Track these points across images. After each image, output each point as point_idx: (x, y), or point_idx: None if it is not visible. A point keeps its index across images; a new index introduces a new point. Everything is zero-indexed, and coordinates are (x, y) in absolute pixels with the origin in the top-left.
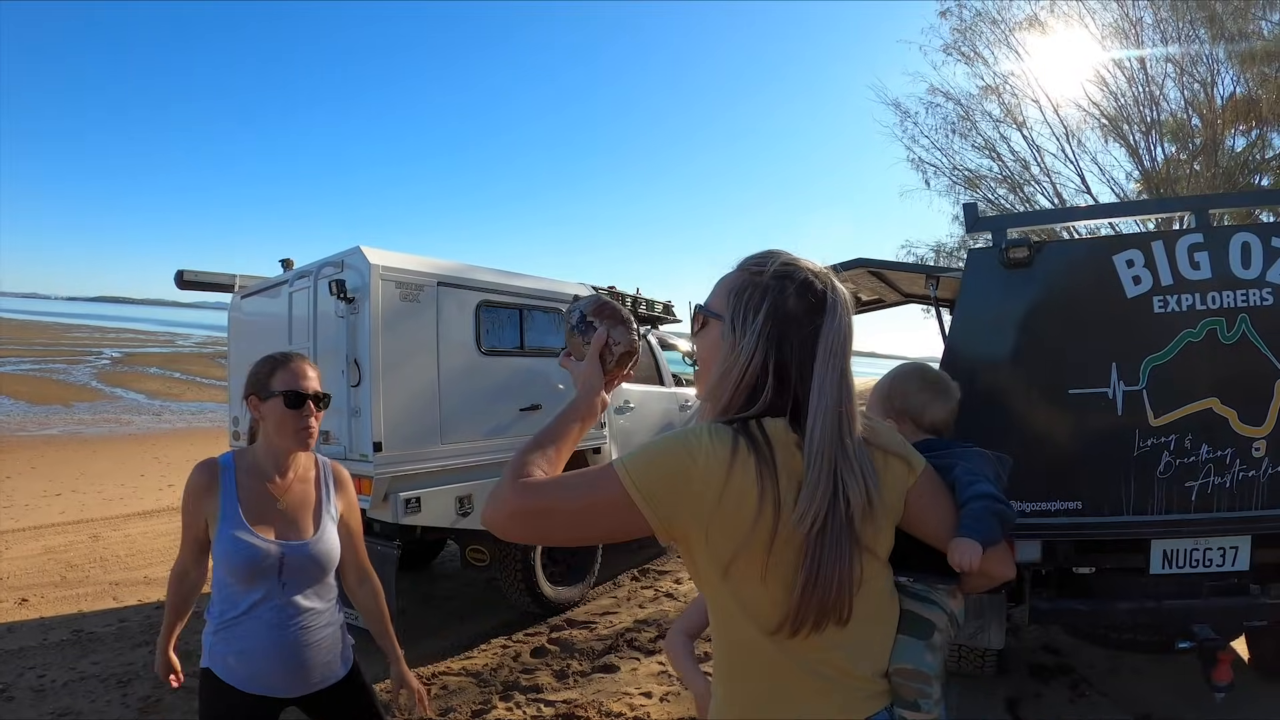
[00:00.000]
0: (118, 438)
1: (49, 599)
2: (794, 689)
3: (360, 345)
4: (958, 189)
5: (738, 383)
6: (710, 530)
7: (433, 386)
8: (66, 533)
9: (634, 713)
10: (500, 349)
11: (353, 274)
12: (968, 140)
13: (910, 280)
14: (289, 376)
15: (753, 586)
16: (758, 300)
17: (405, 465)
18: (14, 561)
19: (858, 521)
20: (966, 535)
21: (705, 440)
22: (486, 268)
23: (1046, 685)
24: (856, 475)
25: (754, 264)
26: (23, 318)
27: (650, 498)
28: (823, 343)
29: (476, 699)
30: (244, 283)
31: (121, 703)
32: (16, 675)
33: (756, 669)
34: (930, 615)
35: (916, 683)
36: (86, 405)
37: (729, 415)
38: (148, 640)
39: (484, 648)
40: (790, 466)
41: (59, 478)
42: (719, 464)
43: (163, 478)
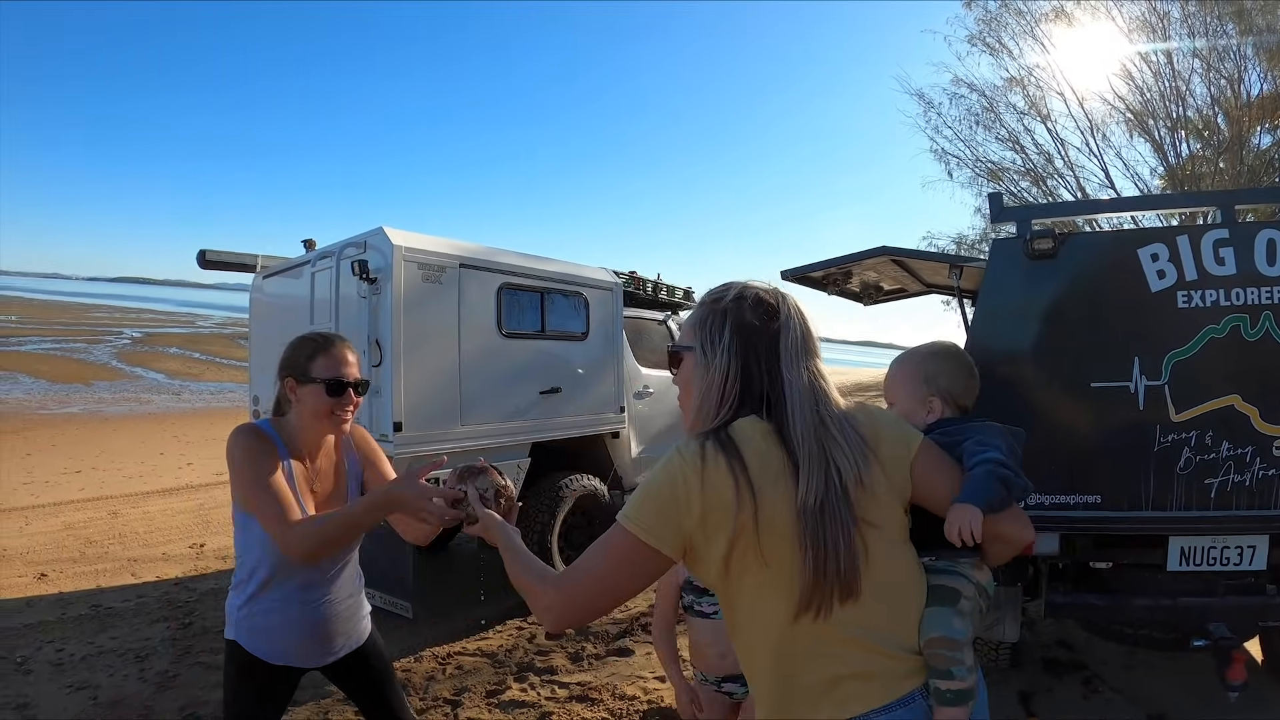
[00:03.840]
0: (138, 416)
1: (68, 574)
2: (828, 676)
3: (382, 326)
4: (980, 181)
5: (720, 396)
6: (706, 530)
7: (453, 368)
8: (86, 509)
9: (647, 696)
10: (521, 331)
11: (375, 255)
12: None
13: (933, 270)
14: (331, 363)
15: (759, 575)
16: (720, 322)
17: (425, 446)
18: (34, 537)
19: (853, 494)
20: (962, 500)
21: (675, 459)
22: (508, 250)
23: (1060, 680)
24: (845, 449)
25: (712, 296)
26: (44, 298)
27: (650, 529)
28: (784, 343)
29: (491, 679)
30: (266, 263)
31: (139, 677)
32: (35, 649)
33: (787, 661)
34: (955, 584)
35: (947, 650)
36: (107, 384)
37: (712, 425)
38: (165, 616)
39: (499, 629)
40: (764, 455)
41: (79, 455)
42: (693, 471)
43: (182, 456)
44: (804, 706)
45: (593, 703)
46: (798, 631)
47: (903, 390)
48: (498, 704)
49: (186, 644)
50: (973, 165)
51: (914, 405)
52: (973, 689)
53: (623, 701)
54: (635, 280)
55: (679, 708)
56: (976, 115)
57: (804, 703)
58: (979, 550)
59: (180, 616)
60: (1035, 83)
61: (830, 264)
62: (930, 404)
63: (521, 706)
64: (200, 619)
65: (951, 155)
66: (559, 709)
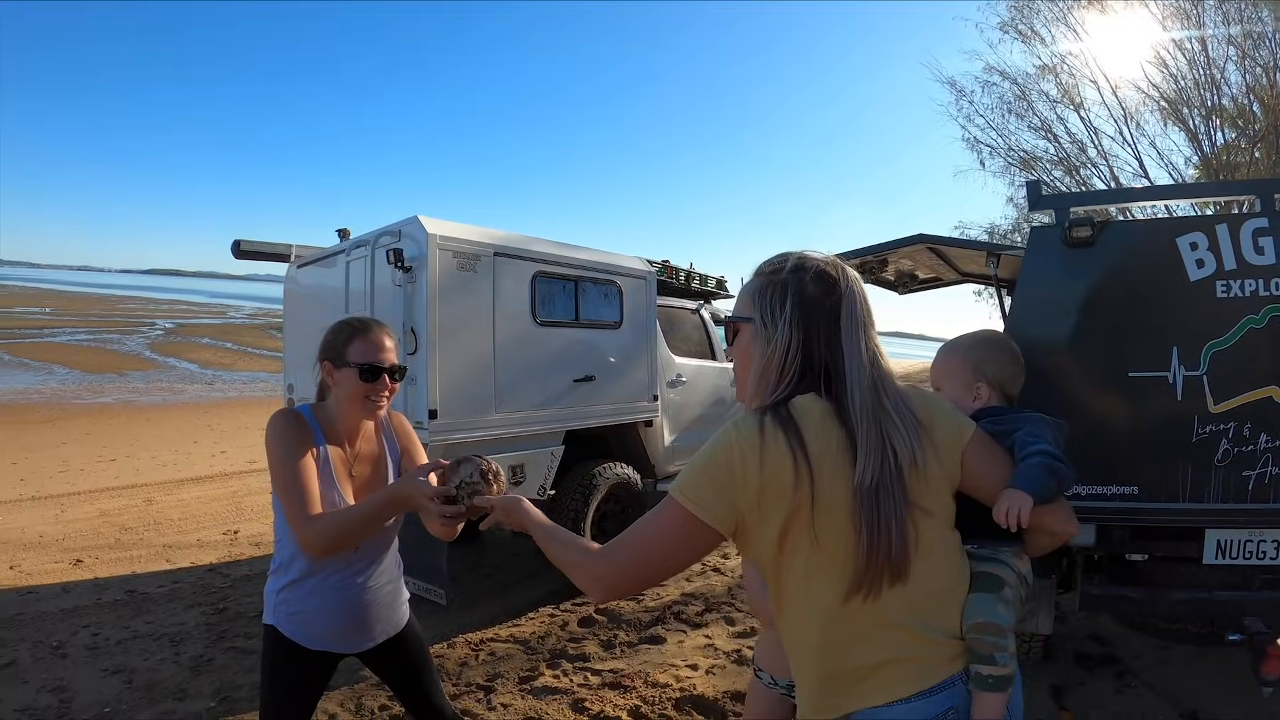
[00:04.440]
0: (171, 406)
1: (103, 560)
2: (872, 659)
3: (417, 314)
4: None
5: (779, 371)
6: (761, 507)
7: (488, 356)
8: (121, 497)
9: (680, 684)
10: (555, 320)
11: (410, 243)
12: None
13: (969, 258)
14: (367, 348)
15: (810, 556)
16: (781, 293)
17: (460, 433)
18: (70, 524)
19: (907, 476)
20: (1015, 487)
21: (733, 434)
22: (543, 239)
23: (1092, 674)
24: (901, 431)
25: (770, 267)
26: (77, 290)
27: (703, 504)
28: (844, 316)
29: (524, 666)
30: (300, 253)
31: (174, 661)
32: (71, 633)
33: (834, 644)
34: (998, 571)
35: (991, 636)
36: (140, 374)
37: (771, 399)
38: (200, 601)
39: (532, 616)
40: (822, 434)
41: (114, 444)
42: (751, 448)
43: (215, 444)
44: (847, 689)
45: (625, 690)
46: (846, 613)
47: (951, 377)
48: (530, 690)
49: (221, 629)
50: (1005, 154)
51: (962, 392)
52: (1013, 676)
53: (655, 689)
54: (668, 269)
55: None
56: (1009, 103)
57: (847, 685)
58: (1021, 540)
59: (215, 601)
60: (1068, 70)
61: (867, 252)
62: (978, 391)
63: (554, 693)
64: (234, 604)
65: (984, 144)
66: (591, 696)
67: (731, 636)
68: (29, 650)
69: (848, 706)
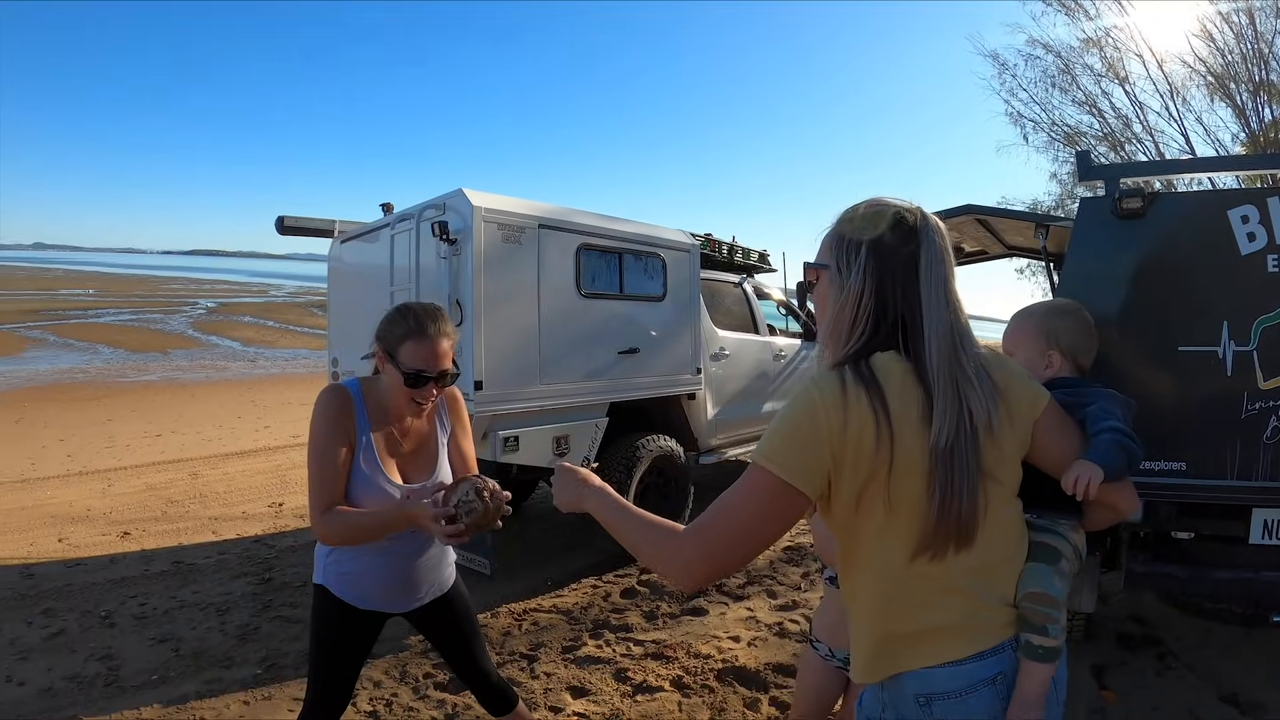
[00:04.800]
0: (214, 383)
1: (150, 532)
2: (930, 623)
3: (463, 286)
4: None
5: (852, 319)
6: (844, 469)
7: (533, 327)
8: (167, 471)
9: (722, 655)
10: (600, 292)
11: (455, 216)
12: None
13: (1017, 230)
14: (420, 354)
15: (882, 519)
16: (857, 241)
17: (505, 404)
18: (117, 498)
19: (982, 440)
20: (1090, 458)
21: (815, 395)
22: (587, 211)
23: (1133, 655)
24: (978, 393)
25: (848, 214)
26: (120, 271)
27: (792, 468)
28: (923, 265)
29: (567, 635)
30: (343, 228)
31: (220, 629)
32: (119, 603)
33: (896, 606)
34: (1056, 544)
35: (1045, 607)
36: (183, 352)
37: (845, 351)
38: (246, 572)
39: (574, 587)
40: (903, 395)
41: (159, 420)
42: (835, 407)
43: (259, 419)
44: (902, 651)
45: (668, 660)
46: (911, 575)
47: (1024, 344)
48: (573, 660)
49: (267, 598)
50: (1049, 129)
51: (1034, 359)
52: (1061, 648)
53: (697, 660)
54: (711, 243)
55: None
56: (1052, 77)
57: (902, 647)
58: (1079, 513)
59: (260, 572)
60: (1113, 44)
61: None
62: (1050, 359)
63: (597, 663)
64: (280, 574)
65: (1027, 119)
66: (634, 666)
67: (773, 609)
68: (77, 620)
69: (900, 667)
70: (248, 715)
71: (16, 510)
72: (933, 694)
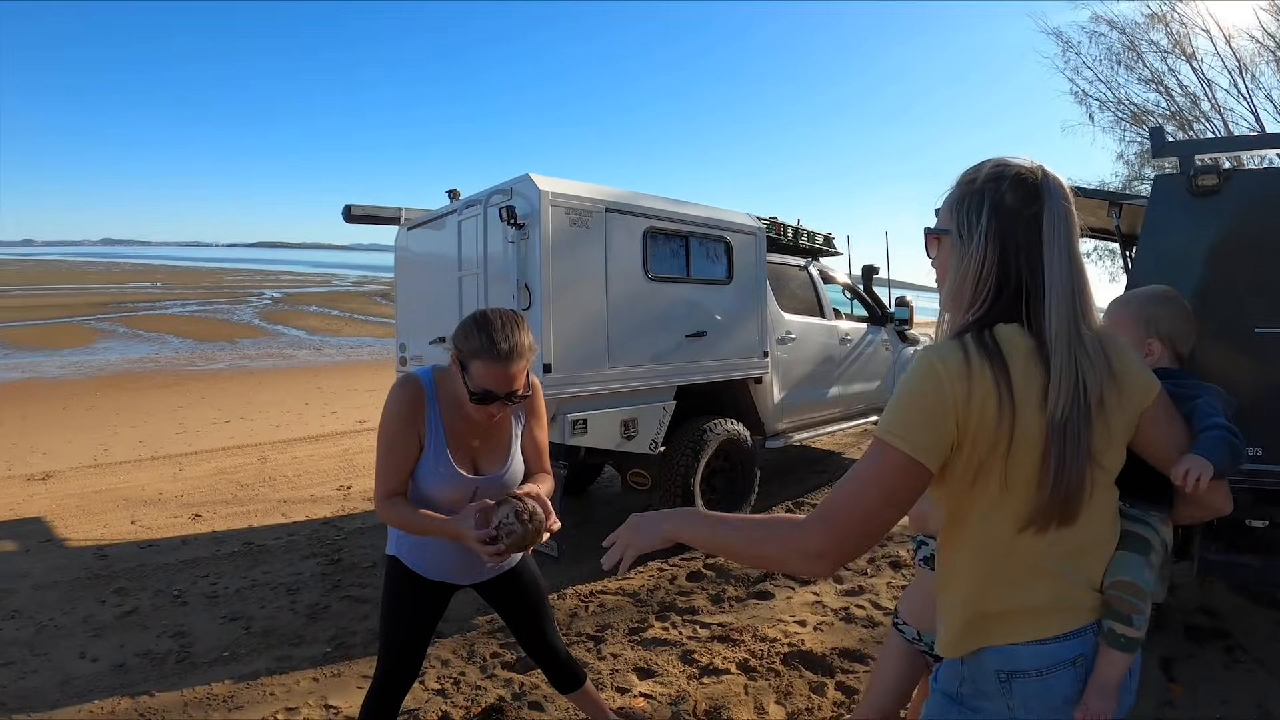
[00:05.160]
0: (281, 370)
1: (221, 515)
2: (1022, 597)
3: (531, 270)
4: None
5: (974, 286)
6: (965, 442)
7: (601, 311)
8: (236, 455)
9: (788, 639)
10: (667, 275)
11: (522, 201)
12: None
13: (1089, 210)
14: (490, 377)
15: (995, 493)
16: (977, 204)
17: (573, 387)
18: (188, 481)
19: (1094, 417)
20: (1200, 454)
21: (938, 365)
22: (653, 195)
23: (1201, 648)
24: (1094, 367)
25: (968, 176)
26: (187, 265)
27: (918, 443)
28: (1046, 227)
29: (634, 617)
30: (409, 215)
31: (290, 609)
32: (190, 583)
33: (994, 576)
34: (1148, 535)
35: (1133, 597)
36: (250, 341)
37: (966, 319)
38: (315, 553)
39: (641, 570)
40: (1026, 369)
41: (227, 406)
42: (959, 378)
43: (326, 405)
44: (991, 628)
45: (734, 643)
46: (1010, 553)
47: (1123, 331)
48: (640, 641)
49: (336, 578)
50: (1115, 108)
51: (1133, 346)
52: (1142, 640)
53: (763, 643)
54: (776, 226)
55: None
56: (1117, 55)
57: (992, 625)
58: (1169, 507)
59: (329, 553)
60: (1178, 19)
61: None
62: (1149, 346)
63: (663, 644)
64: (349, 555)
65: (1093, 98)
66: (700, 648)
67: (839, 594)
68: (150, 599)
69: (986, 642)
70: (317, 692)
71: (90, 493)
72: (1014, 671)
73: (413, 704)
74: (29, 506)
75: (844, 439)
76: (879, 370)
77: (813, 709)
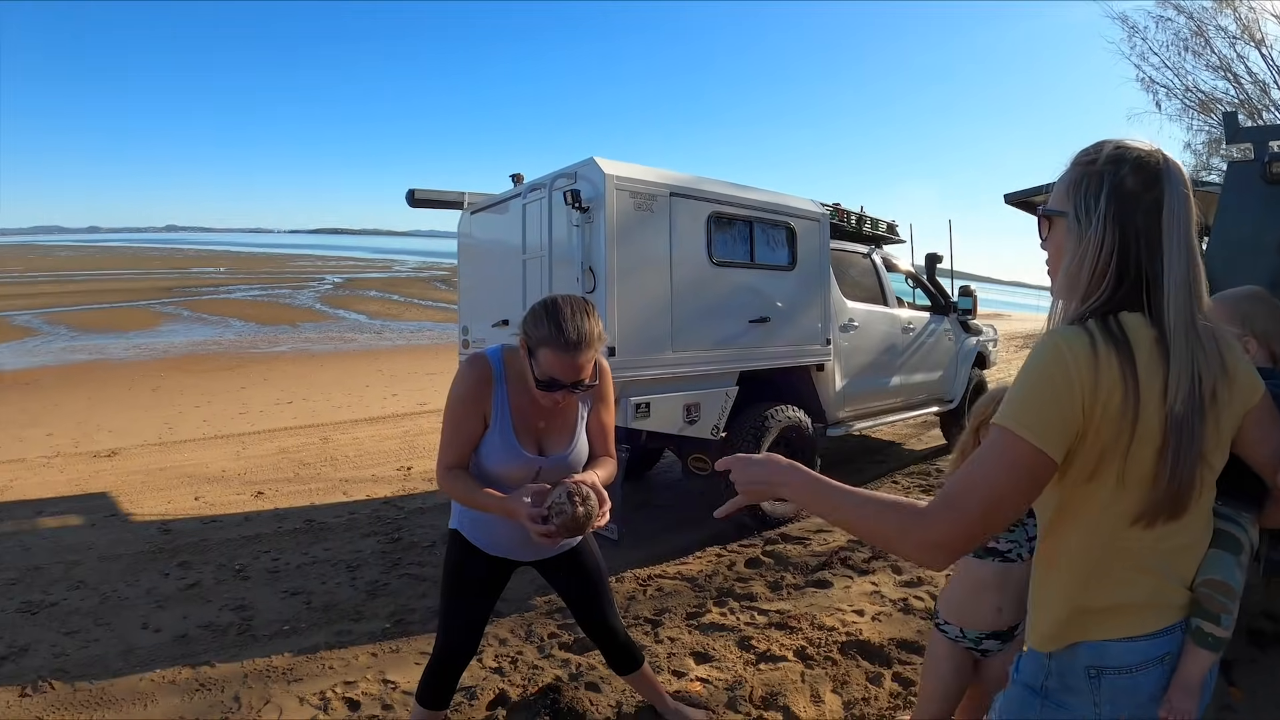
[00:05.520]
0: (342, 354)
1: (283, 492)
2: (1123, 594)
3: (595, 253)
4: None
5: (1091, 271)
6: (1088, 434)
7: (665, 294)
8: (298, 435)
9: (846, 628)
10: (730, 260)
11: (587, 185)
12: (1201, 59)
13: None
14: (557, 366)
15: (1112, 488)
16: (1096, 187)
17: (637, 371)
18: (251, 460)
19: (1207, 410)
20: None
21: (1065, 352)
22: (717, 180)
23: (1264, 652)
24: (1207, 359)
25: (1086, 157)
26: (249, 250)
27: (1044, 433)
28: (1166, 213)
29: (691, 602)
30: (473, 199)
31: (350, 584)
32: (253, 558)
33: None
34: (1239, 535)
35: (1224, 596)
36: (312, 325)
37: (1084, 307)
38: (375, 531)
39: (699, 555)
40: (1150, 364)
41: (289, 388)
42: (1087, 366)
43: (386, 388)
44: (1088, 624)
45: (791, 630)
46: (1117, 549)
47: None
48: (697, 626)
49: (396, 556)
50: (1182, 96)
51: None
52: (1227, 641)
53: (821, 631)
54: (839, 212)
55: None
56: (1184, 40)
57: (1089, 621)
58: (1258, 508)
59: (390, 531)
60: (1248, 3)
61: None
62: (1246, 344)
63: (720, 630)
64: (409, 534)
65: (1159, 85)
66: (758, 634)
67: (898, 585)
68: (213, 573)
69: (1079, 638)
70: (375, 666)
71: (155, 470)
72: (1105, 667)
73: (470, 681)
74: (95, 482)
75: (904, 430)
76: (941, 360)
77: (869, 699)
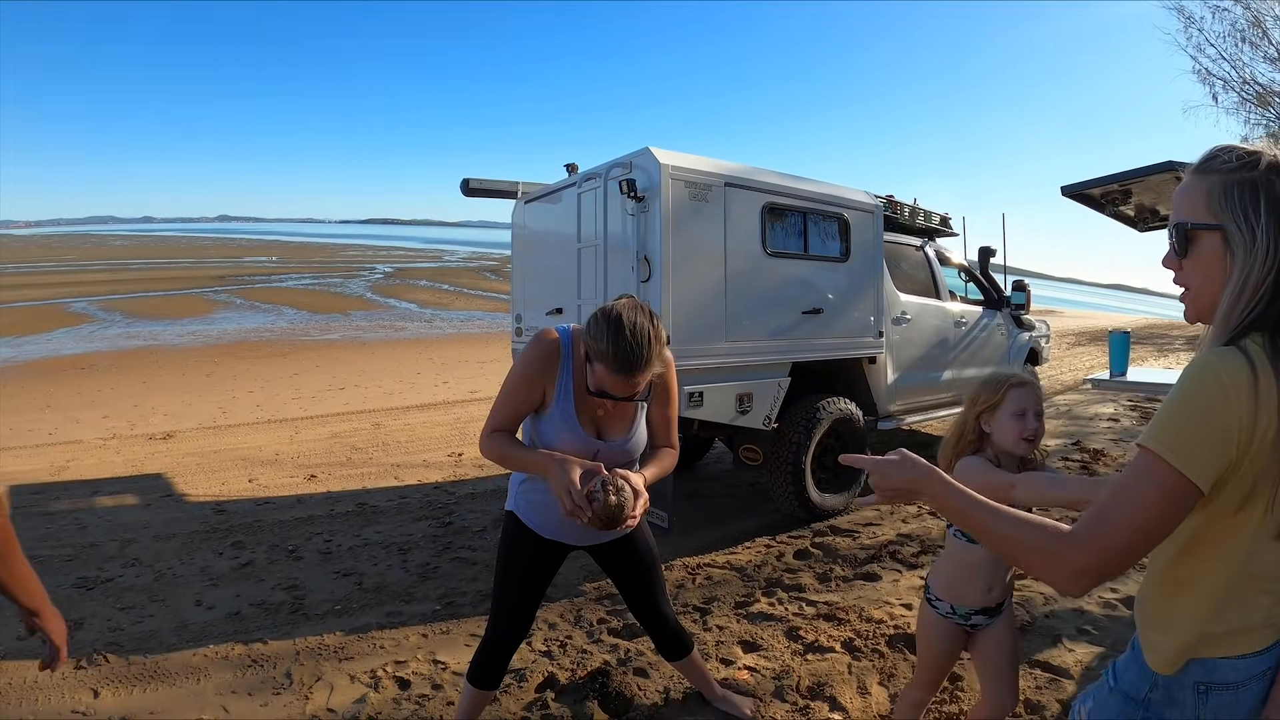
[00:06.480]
0: (393, 342)
1: (335, 476)
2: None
3: (650, 242)
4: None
5: (1254, 291)
6: (1241, 465)
7: (719, 284)
8: (350, 420)
9: (894, 621)
10: (784, 251)
11: (642, 174)
12: (1258, 50)
13: None
14: (611, 383)
15: (1260, 518)
16: (1254, 197)
17: (691, 360)
18: (304, 444)
19: None
20: None
21: (1224, 378)
22: (771, 170)
23: None
24: None
25: (1235, 162)
26: (301, 240)
27: (1202, 467)
28: None
29: (740, 591)
30: (526, 189)
31: (401, 567)
32: (305, 539)
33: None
34: None
35: None
36: (363, 313)
37: (1240, 324)
38: (426, 515)
39: (748, 545)
40: None
41: (341, 375)
42: (1247, 393)
43: (437, 375)
44: (1211, 645)
45: (839, 622)
46: (1255, 573)
47: None
48: (745, 615)
49: (446, 540)
50: (1239, 88)
51: None
52: None
53: (869, 624)
54: (893, 205)
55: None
56: (1242, 31)
57: (1212, 643)
58: None
59: (441, 516)
60: None
61: (1111, 180)
62: None
63: (769, 619)
64: (459, 519)
65: (1216, 77)
66: (806, 625)
67: None
68: (265, 553)
69: (1194, 656)
70: (425, 647)
71: (209, 453)
72: (1213, 684)
73: (519, 664)
74: (150, 463)
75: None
76: (993, 355)
77: None
